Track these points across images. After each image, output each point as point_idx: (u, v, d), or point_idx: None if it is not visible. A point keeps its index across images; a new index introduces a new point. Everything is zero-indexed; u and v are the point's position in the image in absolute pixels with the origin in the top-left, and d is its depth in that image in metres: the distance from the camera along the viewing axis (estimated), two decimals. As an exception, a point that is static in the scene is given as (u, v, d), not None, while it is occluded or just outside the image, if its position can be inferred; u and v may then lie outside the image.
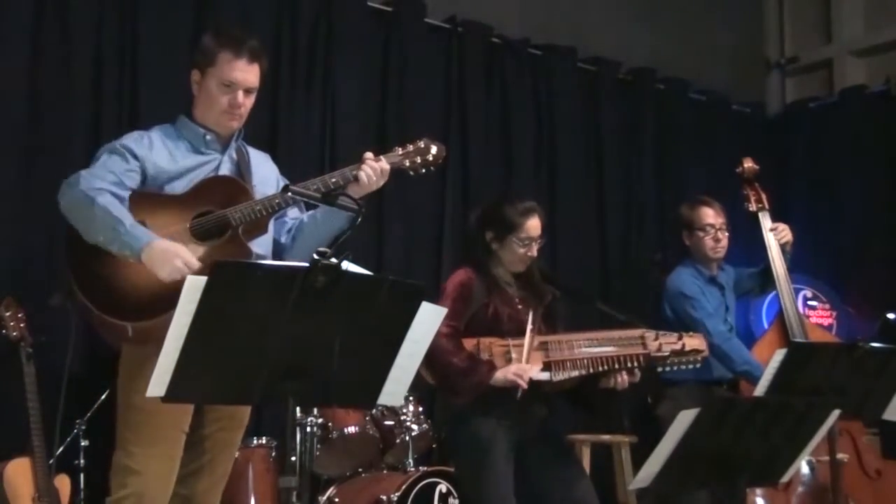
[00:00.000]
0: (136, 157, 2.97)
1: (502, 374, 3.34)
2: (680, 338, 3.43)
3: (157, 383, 2.18)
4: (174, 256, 2.75)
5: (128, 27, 4.80)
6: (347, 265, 2.19)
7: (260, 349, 2.21)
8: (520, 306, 3.55)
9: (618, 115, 6.70)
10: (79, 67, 4.65)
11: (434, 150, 3.17)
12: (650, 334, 3.42)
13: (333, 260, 2.16)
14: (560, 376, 3.40)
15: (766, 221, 4.54)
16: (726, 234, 4.47)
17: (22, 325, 3.86)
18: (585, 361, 3.39)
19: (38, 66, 4.55)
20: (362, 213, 2.70)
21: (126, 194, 2.91)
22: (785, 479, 3.01)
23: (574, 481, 3.48)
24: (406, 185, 5.58)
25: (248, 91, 3.05)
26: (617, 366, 3.38)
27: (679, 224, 4.55)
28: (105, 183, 2.87)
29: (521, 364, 3.36)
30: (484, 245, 3.60)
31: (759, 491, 4.19)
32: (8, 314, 3.85)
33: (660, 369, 3.48)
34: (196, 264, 2.78)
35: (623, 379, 3.40)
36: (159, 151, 3.02)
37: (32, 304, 3.91)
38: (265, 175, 3.19)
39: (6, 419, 4.07)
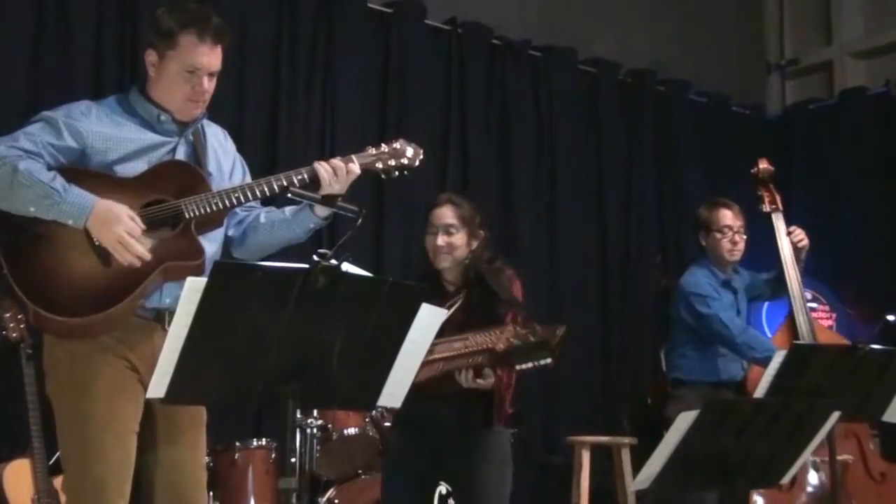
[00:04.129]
0: (73, 134, 2.68)
1: None
2: (534, 332, 3.06)
3: (157, 384, 2.17)
4: (116, 222, 2.58)
5: (128, 27, 4.80)
6: (347, 266, 2.19)
7: (260, 350, 2.20)
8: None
9: (618, 116, 6.70)
10: (79, 67, 4.65)
11: (410, 151, 2.96)
12: (509, 332, 3.10)
13: (333, 261, 2.16)
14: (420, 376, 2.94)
15: (779, 223, 4.45)
16: (744, 237, 4.41)
17: (22, 325, 3.85)
18: (439, 363, 3.14)
19: (38, 66, 4.55)
20: (362, 215, 2.69)
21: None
22: (785, 480, 3.01)
23: (480, 469, 3.34)
24: (406, 185, 5.59)
25: (211, 75, 2.78)
26: (459, 363, 3.15)
27: (696, 225, 4.50)
28: (22, 151, 2.59)
29: None
30: None
31: (760, 491, 4.18)
32: (8, 315, 3.85)
33: (518, 367, 3.11)
34: (138, 230, 2.60)
35: (468, 378, 3.17)
36: (106, 124, 2.74)
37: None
38: (222, 158, 2.94)
39: (6, 419, 4.07)
